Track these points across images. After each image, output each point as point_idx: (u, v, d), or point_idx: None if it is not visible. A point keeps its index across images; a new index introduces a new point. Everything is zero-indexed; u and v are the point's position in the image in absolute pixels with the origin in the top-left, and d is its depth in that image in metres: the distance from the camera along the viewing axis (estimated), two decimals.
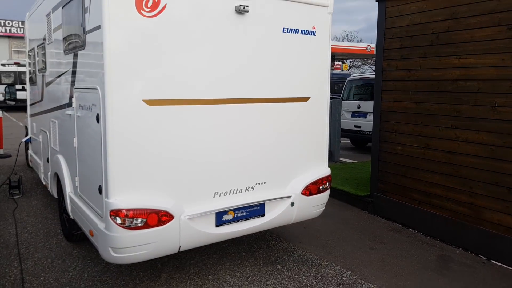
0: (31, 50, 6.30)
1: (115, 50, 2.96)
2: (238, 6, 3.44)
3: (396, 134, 5.36)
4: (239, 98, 3.61)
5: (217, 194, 3.58)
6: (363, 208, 5.93)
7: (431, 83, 4.86)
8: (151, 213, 3.13)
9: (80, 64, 3.65)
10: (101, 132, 3.10)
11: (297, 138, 4.03)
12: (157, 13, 3.10)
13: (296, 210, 4.02)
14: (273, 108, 3.83)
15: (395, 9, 5.23)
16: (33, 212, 5.52)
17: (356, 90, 10.92)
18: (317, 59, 4.08)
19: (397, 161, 5.38)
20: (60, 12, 4.18)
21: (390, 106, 5.43)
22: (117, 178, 3.07)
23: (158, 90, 3.17)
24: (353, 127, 10.60)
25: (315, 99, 4.12)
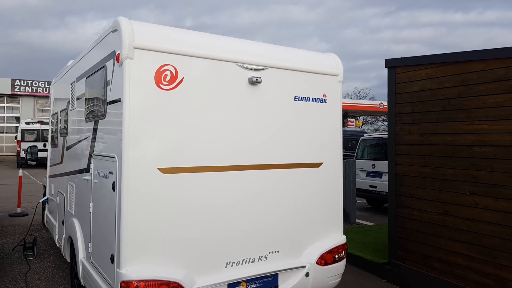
0: (55, 114, 6.62)
1: (133, 121, 3.09)
2: (251, 77, 3.61)
3: (413, 199, 5.27)
4: (252, 165, 3.66)
5: (229, 264, 3.52)
6: (381, 276, 5.69)
7: (446, 148, 4.85)
8: (162, 284, 3.08)
9: (100, 132, 3.81)
10: (116, 200, 3.16)
11: (311, 204, 4.01)
12: (175, 86, 3.27)
13: (311, 281, 3.89)
14: (286, 174, 3.86)
15: (405, 75, 5.38)
16: (45, 276, 5.48)
17: (370, 150, 10.92)
18: (328, 126, 4.17)
19: (415, 227, 5.23)
20: (84, 82, 4.44)
21: (405, 170, 5.39)
22: (130, 248, 3.07)
23: (173, 158, 3.26)
24: (369, 187, 10.47)
25: (328, 164, 4.15)
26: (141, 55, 3.11)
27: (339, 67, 4.24)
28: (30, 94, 29.29)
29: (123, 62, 3.07)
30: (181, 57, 3.29)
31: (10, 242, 7.10)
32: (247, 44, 3.80)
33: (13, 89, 28.63)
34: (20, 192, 9.84)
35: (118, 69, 3.18)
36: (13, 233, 7.80)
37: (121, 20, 3.16)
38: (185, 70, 3.31)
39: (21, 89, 28.86)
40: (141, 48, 3.11)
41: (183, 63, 3.30)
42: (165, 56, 3.21)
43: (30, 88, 29.13)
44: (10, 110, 29.73)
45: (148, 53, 3.14)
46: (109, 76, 3.45)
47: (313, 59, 4.14)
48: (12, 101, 29.56)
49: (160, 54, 3.19)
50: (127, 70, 3.06)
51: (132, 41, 3.08)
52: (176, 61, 3.26)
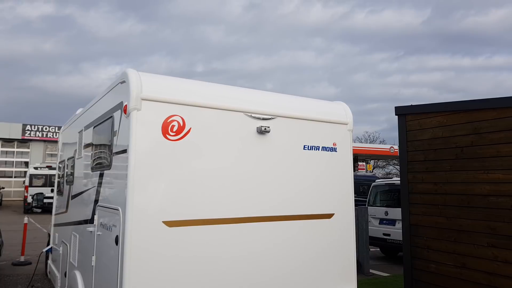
0: (62, 162, 6.63)
1: (139, 172, 3.04)
2: (260, 127, 3.58)
3: (429, 251, 5.05)
4: (261, 217, 3.55)
5: None
6: None
7: (461, 197, 4.70)
8: None
9: (105, 183, 3.76)
10: (119, 255, 3.04)
11: (322, 256, 3.84)
12: (182, 137, 3.25)
13: None
14: (296, 226, 3.73)
15: (416, 123, 5.33)
16: None
17: (382, 196, 10.69)
18: (339, 175, 4.08)
19: (432, 281, 4.97)
20: (91, 132, 4.46)
21: (420, 220, 5.21)
22: None
23: (179, 211, 3.17)
24: (382, 235, 10.14)
25: (339, 215, 4.02)
26: (149, 106, 3.12)
27: (348, 115, 4.22)
28: (40, 139, 29.78)
29: (130, 113, 3.08)
30: (188, 108, 3.29)
31: None
32: (254, 94, 3.82)
33: (24, 134, 29.17)
34: (24, 240, 9.69)
35: (125, 120, 3.18)
36: (15, 283, 7.58)
37: (129, 72, 3.21)
38: (193, 120, 3.30)
39: (32, 134, 29.39)
40: (149, 100, 3.13)
41: (191, 114, 3.30)
42: (172, 107, 3.22)
43: (41, 133, 29.66)
44: (20, 155, 30.13)
45: (156, 104, 3.15)
46: (116, 127, 3.45)
47: (322, 108, 4.13)
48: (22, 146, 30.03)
49: (167, 105, 3.20)
50: (134, 121, 3.06)
51: (139, 92, 3.09)
52: (184, 111, 3.26)
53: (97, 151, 4.12)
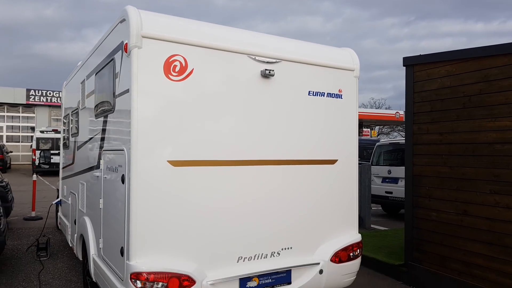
0: (66, 117, 6.67)
1: (142, 111, 3.05)
2: (264, 70, 3.54)
3: (430, 200, 5.11)
4: (264, 160, 3.59)
5: (241, 259, 3.43)
6: (397, 278, 5.51)
7: (466, 146, 4.71)
8: (172, 277, 3.01)
9: (109, 126, 3.79)
10: (126, 192, 3.11)
11: (325, 201, 3.91)
12: (184, 77, 3.23)
13: (325, 278, 3.77)
14: (299, 171, 3.77)
15: (424, 73, 5.26)
16: (57, 275, 5.46)
17: (386, 155, 10.74)
18: (344, 122, 4.07)
19: (432, 228, 5.06)
20: (93, 79, 4.45)
21: (423, 171, 5.24)
22: (139, 239, 3.01)
23: (183, 151, 3.20)
24: (384, 193, 10.27)
25: (343, 161, 4.05)
26: (150, 45, 3.08)
27: (355, 61, 4.16)
28: (45, 104, 29.80)
29: (131, 52, 3.04)
30: (190, 48, 3.24)
31: (24, 243, 7.13)
32: (259, 36, 3.75)
33: (28, 99, 29.18)
34: (34, 197, 9.93)
35: (126, 60, 3.16)
36: (27, 235, 7.85)
37: (129, 9, 3.14)
38: (195, 61, 3.27)
39: (36, 99, 29.40)
40: (149, 37, 3.07)
41: (193, 54, 3.26)
42: (174, 46, 3.17)
43: (45, 98, 29.65)
44: (25, 119, 30.28)
45: (157, 43, 3.10)
46: (118, 68, 3.43)
47: (328, 53, 4.06)
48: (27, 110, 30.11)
49: (169, 44, 3.15)
50: (135, 59, 3.03)
51: (140, 29, 3.04)
52: (186, 51, 3.22)
53: (100, 97, 4.13)
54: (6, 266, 5.79)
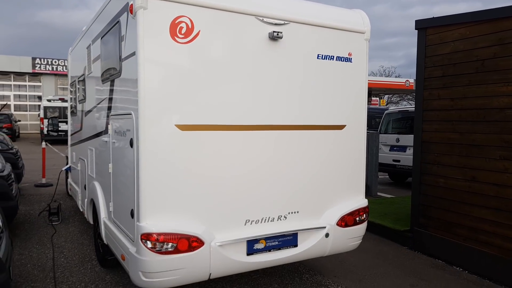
0: (73, 83, 6.65)
1: (149, 74, 3.02)
2: (272, 32, 3.46)
3: (439, 166, 5.09)
4: (272, 125, 3.57)
5: (248, 222, 3.48)
6: (402, 244, 5.58)
7: (477, 112, 4.63)
8: (181, 238, 3.07)
9: (116, 91, 3.77)
10: (134, 156, 3.13)
11: (332, 167, 3.90)
12: (190, 40, 3.17)
13: (331, 241, 3.82)
14: (307, 136, 3.75)
15: (436, 37, 5.11)
16: (70, 238, 5.61)
17: (395, 124, 10.65)
18: (353, 86, 4.00)
19: (439, 195, 5.07)
20: (99, 43, 4.39)
21: (432, 137, 5.20)
22: (148, 201, 3.05)
23: (190, 116, 3.19)
24: (392, 161, 10.26)
25: (351, 127, 4.01)
26: (155, 5, 3.00)
27: (366, 24, 4.04)
28: (51, 72, 29.72)
29: (136, 13, 2.98)
30: (197, 9, 3.16)
31: (36, 209, 7.30)
32: None
33: (34, 67, 29.10)
34: (44, 164, 10.08)
35: (132, 21, 3.09)
36: (39, 201, 8.01)
37: None
38: (202, 22, 3.20)
39: (42, 68, 29.31)
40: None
41: (199, 15, 3.18)
42: (180, 7, 3.09)
43: (51, 67, 29.54)
44: (32, 88, 30.31)
45: (163, 3, 3.03)
46: (123, 31, 3.37)
47: (338, 15, 3.94)
48: (33, 79, 30.10)
49: (175, 5, 3.07)
50: (140, 20, 2.97)
51: None
52: (192, 12, 3.15)
53: (107, 61, 4.09)
54: (20, 230, 5.94)
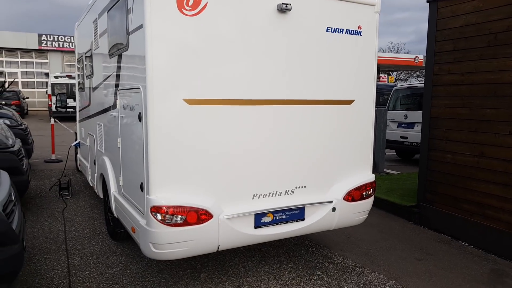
0: (80, 59, 6.63)
1: (157, 47, 3.00)
2: (280, 4, 3.40)
3: (447, 142, 5.07)
4: (280, 100, 3.55)
5: (256, 196, 3.52)
6: (408, 219, 5.63)
7: (488, 87, 4.56)
8: (190, 211, 3.12)
9: (124, 65, 3.76)
10: (143, 130, 3.15)
11: (340, 142, 3.90)
12: (197, 12, 3.12)
13: (337, 216, 3.87)
14: (315, 111, 3.74)
15: (448, 10, 4.99)
16: (80, 212, 5.73)
17: (403, 100, 10.54)
18: (362, 60, 3.95)
19: (447, 170, 5.07)
20: (106, 17, 4.35)
21: (441, 113, 5.15)
22: (158, 175, 3.09)
23: (198, 90, 3.18)
24: (399, 138, 10.21)
25: (359, 102, 3.98)
26: None
27: None
28: (57, 49, 29.66)
29: None
30: None
31: (46, 184, 7.43)
32: None
33: (40, 44, 29.04)
34: (53, 140, 10.19)
35: None
36: (49, 176, 8.15)
37: None
38: None
39: (48, 44, 29.24)
40: None
41: None
42: None
43: (57, 43, 29.46)
44: (39, 65, 30.33)
45: None
46: (130, 3, 3.34)
47: None
48: (40, 56, 30.09)
49: None
50: None
51: None
52: None
53: (113, 35, 4.06)
54: (31, 204, 6.07)
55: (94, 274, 3.78)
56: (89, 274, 3.78)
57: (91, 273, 3.80)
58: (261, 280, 3.70)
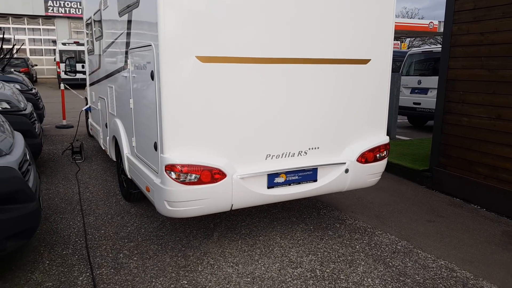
0: (88, 22, 6.51)
1: (169, 3, 2.91)
2: None
3: (463, 105, 4.96)
4: (295, 58, 3.46)
5: (269, 157, 3.50)
6: (420, 183, 5.61)
7: (508, 46, 4.40)
8: (204, 170, 3.13)
9: (135, 23, 3.68)
10: (156, 88, 3.11)
11: (354, 103, 3.83)
12: None
13: (350, 177, 3.85)
14: (330, 70, 3.65)
15: None
16: (94, 175, 5.80)
17: (417, 65, 10.29)
18: (379, 18, 3.80)
19: (462, 134, 4.99)
20: None
21: (458, 74, 5.01)
22: (171, 134, 3.08)
23: (211, 47, 3.11)
24: (412, 104, 10.05)
25: (376, 61, 3.87)
26: None
27: None
28: (64, 15, 29.25)
29: None
30: None
31: (59, 148, 7.50)
32: None
33: (47, 10, 28.64)
34: (63, 105, 10.22)
35: None
36: (61, 141, 8.22)
37: None
38: None
39: (55, 10, 28.84)
40: None
41: None
42: None
43: (63, 9, 29.02)
44: (46, 32, 30.04)
45: None
46: None
47: None
48: (47, 22, 29.74)
49: None
50: None
51: None
52: None
53: None
54: (45, 168, 6.16)
55: (109, 232, 3.86)
56: (104, 232, 3.86)
57: (106, 231, 3.88)
58: (273, 239, 3.75)
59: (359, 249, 3.60)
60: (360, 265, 3.31)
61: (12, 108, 5.66)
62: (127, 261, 3.31)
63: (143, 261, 3.32)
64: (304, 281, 3.05)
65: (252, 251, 3.52)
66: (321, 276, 3.12)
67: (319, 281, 3.06)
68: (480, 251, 3.62)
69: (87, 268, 3.18)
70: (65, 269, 3.17)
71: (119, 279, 3.03)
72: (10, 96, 5.85)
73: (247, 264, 3.29)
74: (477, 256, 3.54)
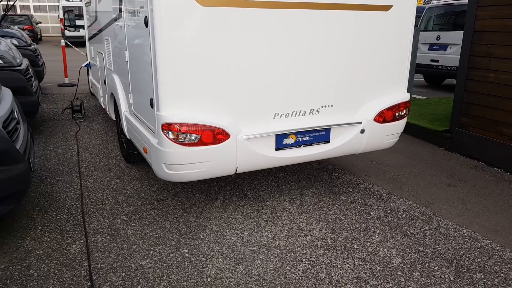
0: None
1: None
2: None
3: (490, 59, 4.51)
4: (306, 3, 3.04)
5: (277, 115, 3.18)
6: (439, 145, 5.27)
7: None
8: (205, 130, 2.83)
9: None
10: (150, 36, 2.75)
11: (374, 55, 3.43)
12: None
13: (366, 138, 3.53)
14: (347, 17, 3.22)
15: None
16: (94, 135, 5.55)
17: (437, 20, 9.62)
18: None
19: (487, 91, 4.58)
20: None
21: (486, 25, 4.53)
22: (168, 89, 2.75)
23: None
24: (430, 61, 9.48)
25: (398, 8, 3.43)
26: None
27: None
28: None
29: None
30: None
31: (59, 107, 7.24)
32: None
33: None
34: (65, 63, 9.87)
35: None
36: (62, 100, 7.95)
37: None
38: None
39: None
40: None
41: None
42: None
43: None
44: None
45: None
46: None
47: None
48: None
49: None
50: None
51: None
52: None
53: None
54: (44, 127, 5.92)
55: (107, 196, 3.64)
56: (102, 196, 3.65)
57: (104, 195, 3.67)
58: (281, 205, 3.50)
59: (373, 215, 3.34)
60: (375, 233, 3.06)
61: (5, 64, 5.34)
62: (124, 227, 3.10)
63: (141, 227, 3.10)
64: (314, 251, 2.81)
65: (258, 217, 3.28)
66: (333, 246, 2.88)
67: (331, 250, 2.82)
68: (506, 219, 3.34)
69: (81, 234, 2.98)
70: (58, 235, 2.97)
71: (114, 247, 2.82)
72: (3, 51, 5.52)
73: (253, 232, 3.06)
74: (503, 224, 3.26)
